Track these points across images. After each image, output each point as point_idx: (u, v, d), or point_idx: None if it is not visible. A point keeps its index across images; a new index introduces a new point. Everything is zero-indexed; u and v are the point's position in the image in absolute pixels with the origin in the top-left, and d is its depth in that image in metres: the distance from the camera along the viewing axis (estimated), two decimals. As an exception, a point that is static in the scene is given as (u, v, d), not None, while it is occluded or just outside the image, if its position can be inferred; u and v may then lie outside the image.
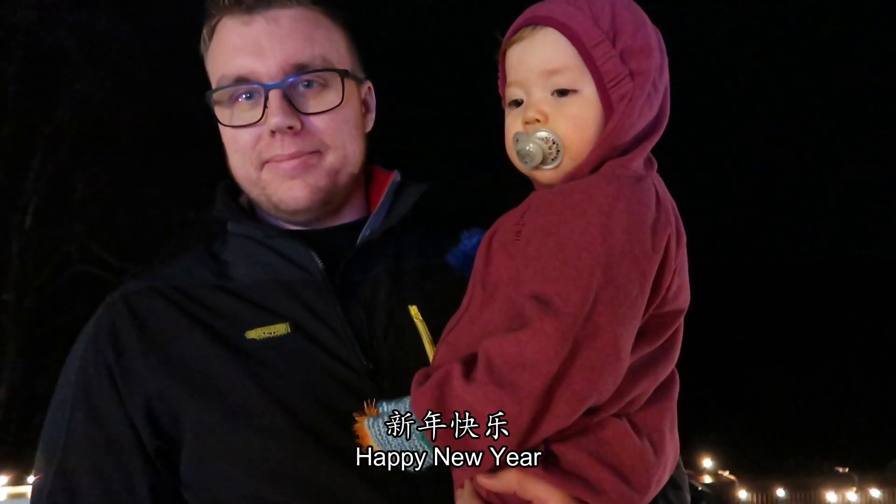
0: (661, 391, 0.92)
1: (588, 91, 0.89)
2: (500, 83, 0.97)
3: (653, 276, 0.83)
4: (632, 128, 0.89)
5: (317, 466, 0.98)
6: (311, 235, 1.15)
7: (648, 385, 0.89)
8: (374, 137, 1.24)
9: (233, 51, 1.11)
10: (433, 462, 0.84)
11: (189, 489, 1.05)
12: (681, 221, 0.90)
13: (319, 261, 1.10)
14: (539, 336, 0.78)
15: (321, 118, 1.11)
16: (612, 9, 0.89)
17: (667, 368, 0.92)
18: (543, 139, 0.89)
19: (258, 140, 1.11)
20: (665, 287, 0.86)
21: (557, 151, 0.89)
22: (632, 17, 0.90)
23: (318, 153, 1.12)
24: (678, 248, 0.88)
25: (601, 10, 0.88)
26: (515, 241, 0.89)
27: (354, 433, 0.87)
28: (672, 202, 0.90)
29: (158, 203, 11.42)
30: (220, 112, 1.14)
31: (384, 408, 0.87)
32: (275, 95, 1.08)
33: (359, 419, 0.87)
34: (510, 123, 0.94)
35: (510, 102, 0.95)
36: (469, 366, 0.82)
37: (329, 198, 1.15)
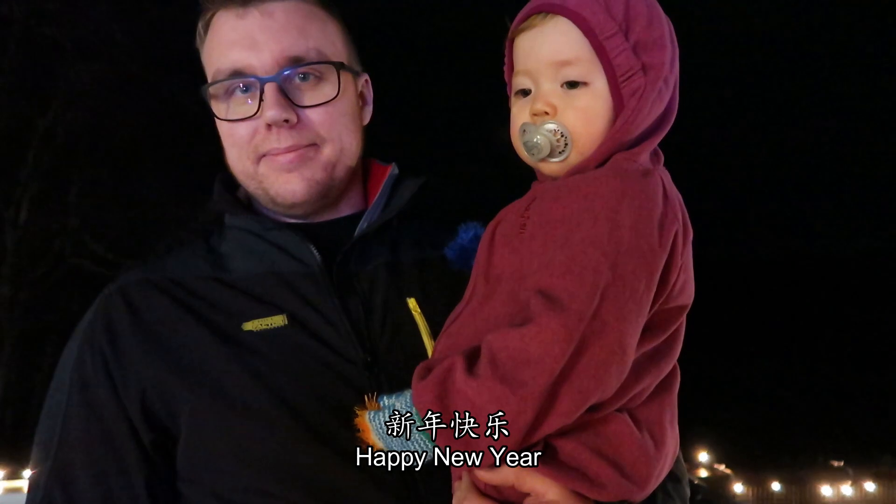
0: (663, 385, 0.91)
1: (599, 84, 0.87)
2: (507, 70, 0.95)
3: (659, 272, 0.82)
4: (642, 122, 0.87)
5: (314, 458, 0.98)
6: (309, 228, 1.15)
7: (652, 380, 0.88)
8: (372, 130, 1.23)
9: (227, 44, 1.10)
10: (433, 459, 0.83)
11: (185, 481, 1.04)
12: (687, 216, 0.89)
13: (317, 253, 1.10)
14: (545, 332, 0.76)
15: (317, 111, 1.11)
16: (626, 0, 0.86)
17: (669, 364, 0.91)
18: (552, 131, 0.88)
19: (254, 133, 1.10)
20: (671, 283, 0.85)
21: (565, 144, 0.88)
22: (645, 9, 0.87)
23: (315, 146, 1.11)
24: (685, 244, 0.87)
25: (615, 1, 0.86)
26: (520, 234, 0.87)
27: (356, 427, 0.86)
28: (679, 197, 0.89)
29: (153, 197, 11.40)
30: (216, 106, 1.13)
31: (385, 402, 0.86)
32: (270, 89, 1.08)
33: (360, 413, 0.86)
34: (517, 113, 0.92)
35: (517, 91, 0.93)
36: (472, 360, 0.81)
37: (326, 191, 1.14)
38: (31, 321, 11.95)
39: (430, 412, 0.79)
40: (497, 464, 0.80)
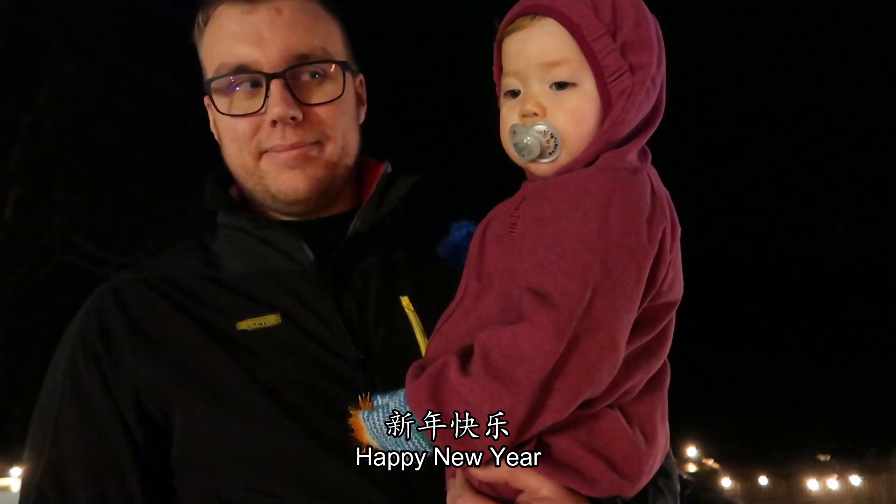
0: (653, 381, 0.92)
1: (587, 85, 0.88)
2: (496, 71, 0.96)
3: (648, 269, 0.83)
4: (630, 122, 0.88)
5: (309, 456, 0.98)
6: (302, 226, 1.15)
7: (642, 376, 0.89)
8: (365, 127, 1.23)
9: (233, 39, 1.10)
10: (429, 457, 0.84)
11: (180, 480, 1.04)
12: (675, 213, 0.90)
13: (310, 252, 1.10)
14: (537, 330, 0.77)
15: (322, 109, 1.11)
16: (613, 1, 0.87)
17: (660, 359, 0.92)
18: (542, 132, 0.88)
19: (257, 129, 1.10)
20: (660, 279, 0.86)
21: (555, 145, 0.89)
22: (633, 10, 0.88)
23: (319, 144, 1.12)
24: (673, 241, 0.88)
25: (602, 2, 0.87)
26: (510, 233, 0.88)
27: (350, 427, 0.86)
28: (667, 194, 0.90)
29: (142, 193, 11.31)
30: (219, 100, 1.12)
31: (379, 401, 0.86)
32: (277, 85, 1.08)
33: (354, 413, 0.86)
34: (506, 114, 0.93)
35: (506, 93, 0.93)
36: (465, 358, 0.82)
37: (327, 189, 1.14)
38: (19, 318, 11.86)
39: (425, 411, 0.80)
40: (494, 462, 0.81)
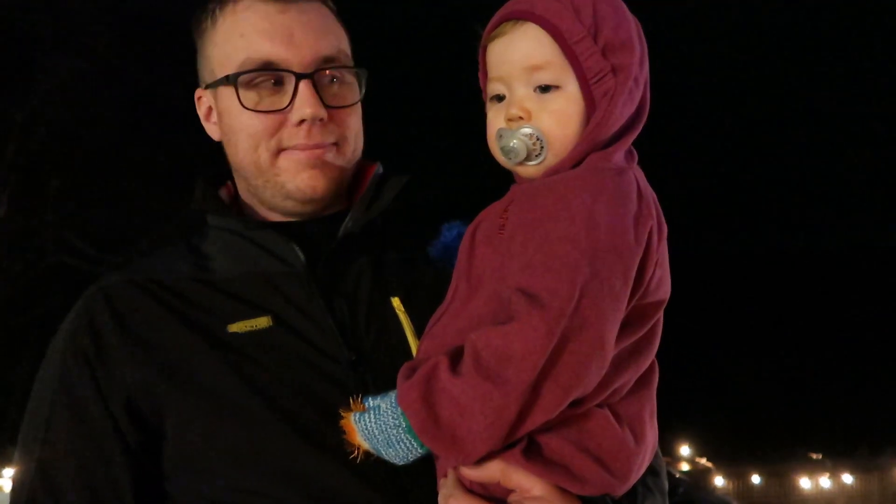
0: (642, 380, 0.93)
1: (571, 87, 0.89)
2: (481, 77, 0.97)
3: (635, 269, 0.84)
4: (614, 123, 0.89)
5: (302, 457, 0.99)
6: (292, 228, 1.15)
7: (631, 375, 0.90)
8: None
9: (263, 35, 1.10)
10: (420, 455, 0.85)
11: (172, 482, 1.04)
12: (661, 213, 0.91)
13: (301, 253, 1.10)
14: (527, 330, 0.79)
15: (341, 112, 1.13)
16: (593, 3, 0.88)
17: (648, 358, 0.93)
18: (527, 135, 0.90)
19: (280, 127, 1.11)
20: (647, 279, 0.87)
21: (541, 148, 0.90)
22: (613, 11, 0.90)
23: (336, 145, 1.13)
24: (659, 241, 0.89)
25: (582, 5, 0.88)
26: (499, 235, 0.89)
27: (342, 429, 0.87)
28: (653, 194, 0.91)
29: (136, 193, 11.26)
30: (244, 94, 1.11)
31: (370, 403, 0.87)
32: (307, 85, 1.09)
33: (345, 415, 0.87)
34: (492, 119, 0.94)
35: (492, 97, 0.95)
36: (455, 359, 0.83)
37: (339, 189, 1.16)
38: (12, 318, 11.79)
39: (417, 412, 0.81)
40: (482, 461, 0.82)
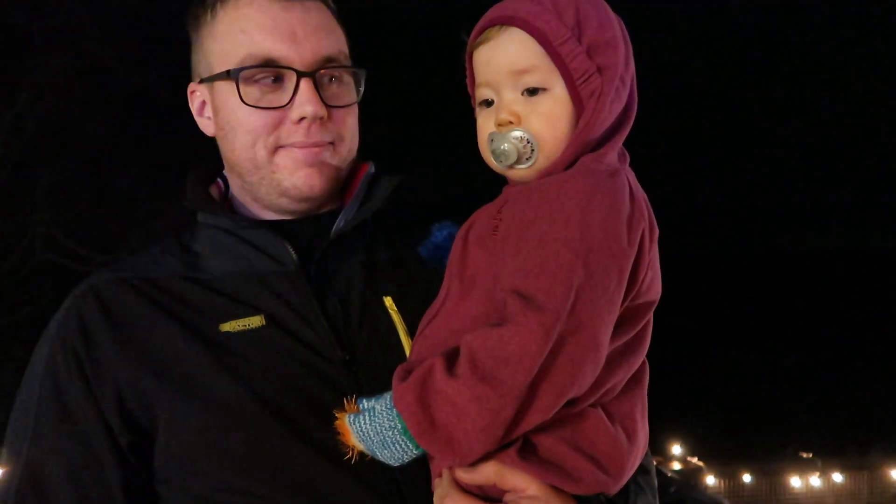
0: (633, 380, 0.94)
1: (558, 89, 0.90)
2: (469, 83, 0.98)
3: (629, 270, 0.85)
4: (603, 122, 0.90)
5: (296, 457, 0.98)
6: (285, 226, 1.14)
7: (623, 375, 0.91)
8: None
9: (265, 32, 1.09)
10: (415, 456, 0.85)
11: (163, 483, 1.03)
12: (653, 215, 0.92)
13: (293, 252, 1.09)
14: (523, 332, 0.79)
15: (340, 111, 1.13)
16: (576, 4, 0.89)
17: (639, 358, 0.94)
18: (518, 138, 0.90)
19: (279, 124, 1.10)
20: (640, 280, 0.87)
21: (532, 150, 0.90)
22: (595, 12, 0.90)
23: (333, 144, 1.13)
24: (651, 242, 0.90)
25: (565, 7, 0.88)
26: (493, 236, 0.89)
27: (336, 430, 0.87)
28: (644, 195, 0.92)
29: (125, 191, 11.21)
30: (244, 90, 1.10)
31: (364, 404, 0.87)
32: (308, 84, 1.09)
33: (339, 416, 0.87)
34: (482, 123, 0.95)
35: (480, 102, 0.95)
36: (451, 360, 0.83)
37: (334, 188, 1.16)
38: (0, 317, 11.70)
39: (413, 414, 0.81)
40: (478, 462, 0.83)
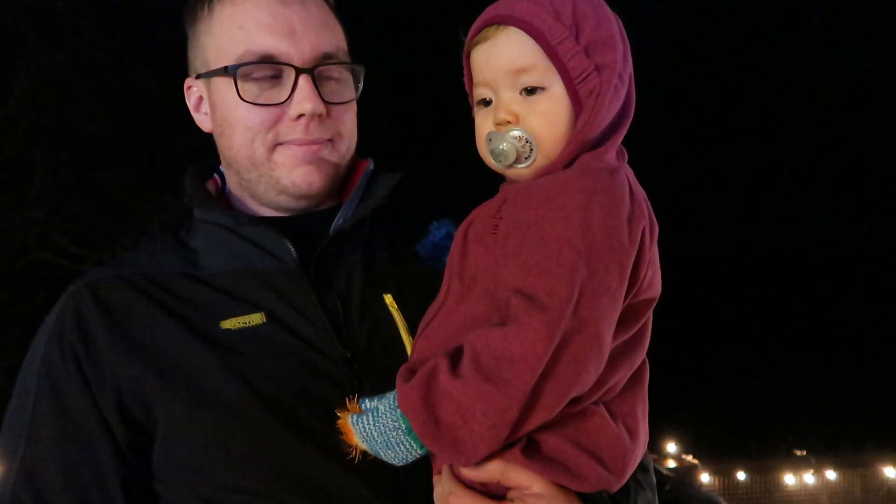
0: (634, 378, 0.94)
1: (556, 88, 0.89)
2: (467, 82, 0.97)
3: (630, 268, 0.85)
4: (602, 121, 0.90)
5: (297, 455, 0.98)
6: (283, 223, 1.13)
7: (625, 372, 0.91)
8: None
9: (263, 27, 1.09)
10: (419, 456, 0.85)
11: (163, 482, 1.02)
12: (652, 212, 0.91)
13: (293, 249, 1.09)
14: (527, 331, 0.79)
15: (339, 108, 1.13)
16: (573, 3, 0.88)
17: (640, 355, 0.94)
18: (517, 138, 0.90)
19: (277, 121, 1.10)
20: (641, 277, 0.87)
21: (531, 150, 0.90)
22: (592, 10, 0.90)
23: (332, 141, 1.13)
24: (651, 239, 0.90)
25: (562, 5, 0.88)
26: (493, 234, 0.89)
27: (339, 430, 0.87)
28: (643, 193, 0.92)
29: (119, 190, 11.16)
30: (243, 86, 1.09)
31: (367, 405, 0.87)
32: (307, 80, 1.08)
33: (342, 415, 0.87)
34: (481, 123, 0.94)
35: (478, 102, 0.95)
36: (454, 360, 0.83)
37: (333, 185, 1.15)
38: (-7, 316, 11.66)
39: (418, 414, 0.81)
40: (483, 461, 0.83)
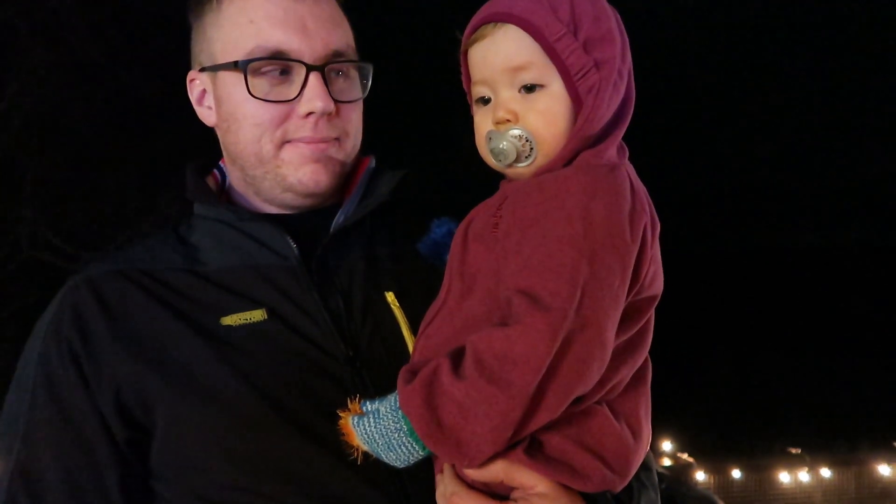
0: (637, 377, 0.93)
1: (555, 85, 0.88)
2: (465, 80, 0.96)
3: (632, 266, 0.84)
4: (602, 117, 0.89)
5: (299, 455, 0.97)
6: (284, 220, 1.13)
7: (627, 371, 0.90)
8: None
9: (275, 23, 1.08)
10: (421, 457, 0.85)
11: (161, 480, 1.01)
12: (654, 209, 0.91)
13: (295, 246, 1.08)
14: (530, 332, 0.78)
15: (347, 106, 1.12)
16: None
17: (643, 354, 0.93)
18: (517, 137, 0.89)
19: (286, 118, 1.09)
20: (643, 275, 0.87)
21: (531, 148, 0.89)
22: (591, 6, 0.89)
23: (339, 140, 1.12)
24: (653, 237, 0.89)
25: (560, 2, 0.87)
26: (493, 233, 0.88)
27: (340, 430, 0.86)
28: (644, 189, 0.92)
29: (112, 188, 11.11)
30: (253, 82, 1.08)
31: (368, 406, 0.86)
32: (317, 78, 1.07)
33: (343, 416, 0.86)
34: (480, 122, 0.93)
35: (477, 100, 0.94)
36: (456, 361, 0.82)
37: (339, 183, 1.15)
38: (-14, 315, 11.60)
39: (420, 416, 0.80)
40: (486, 462, 0.82)
